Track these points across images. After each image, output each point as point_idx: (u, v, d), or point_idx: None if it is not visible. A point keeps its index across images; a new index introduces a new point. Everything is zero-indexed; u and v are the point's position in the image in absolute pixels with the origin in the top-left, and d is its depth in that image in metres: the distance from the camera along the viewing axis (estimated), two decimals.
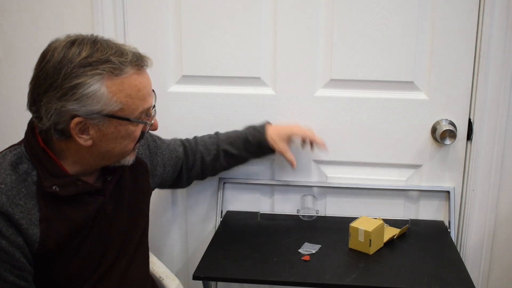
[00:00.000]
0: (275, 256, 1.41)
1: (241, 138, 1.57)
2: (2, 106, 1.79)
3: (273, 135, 1.55)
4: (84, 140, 1.08)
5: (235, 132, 1.59)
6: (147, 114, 1.15)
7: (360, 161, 1.67)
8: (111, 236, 1.22)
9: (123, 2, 1.65)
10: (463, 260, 1.44)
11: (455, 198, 1.64)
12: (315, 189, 1.69)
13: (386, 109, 1.62)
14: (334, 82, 1.63)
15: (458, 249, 1.62)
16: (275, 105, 1.66)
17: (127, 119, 1.09)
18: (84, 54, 1.04)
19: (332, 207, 1.71)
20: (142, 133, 1.17)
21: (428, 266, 1.37)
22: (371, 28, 1.56)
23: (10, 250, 1.03)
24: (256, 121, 1.66)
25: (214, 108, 1.68)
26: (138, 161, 1.32)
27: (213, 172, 1.61)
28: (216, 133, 1.61)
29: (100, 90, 1.04)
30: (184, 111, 1.70)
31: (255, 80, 1.66)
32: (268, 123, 1.60)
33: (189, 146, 1.55)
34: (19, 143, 1.15)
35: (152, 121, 1.18)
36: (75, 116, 1.05)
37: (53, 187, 1.08)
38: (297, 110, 1.65)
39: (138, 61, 1.09)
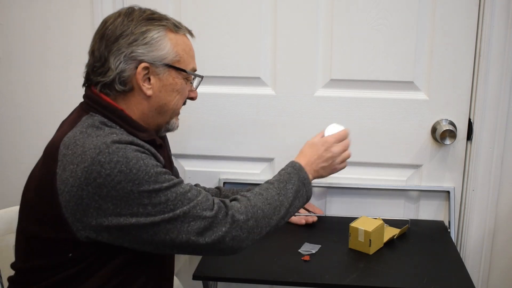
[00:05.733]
0: (275, 256, 1.41)
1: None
2: (2, 105, 1.79)
3: None
4: (146, 89, 1.16)
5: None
6: (190, 81, 1.25)
7: (360, 161, 1.67)
8: None
9: (123, 2, 1.65)
10: (463, 260, 1.44)
11: (455, 198, 1.64)
12: (315, 189, 1.69)
13: (386, 109, 1.62)
14: (334, 82, 1.63)
15: (458, 249, 1.62)
16: (275, 105, 1.66)
17: (184, 71, 1.20)
18: (147, 12, 1.18)
19: (332, 207, 1.72)
20: (186, 99, 1.26)
21: (428, 266, 1.37)
22: (371, 28, 1.56)
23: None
24: (256, 121, 1.66)
25: (214, 108, 1.68)
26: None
27: None
28: (218, 187, 1.63)
29: (165, 38, 1.17)
30: (184, 111, 1.69)
31: (255, 80, 1.66)
32: None
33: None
34: (74, 124, 1.15)
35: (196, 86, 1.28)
36: (142, 61, 1.14)
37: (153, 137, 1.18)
38: (297, 110, 1.65)
39: (188, 30, 1.24)
